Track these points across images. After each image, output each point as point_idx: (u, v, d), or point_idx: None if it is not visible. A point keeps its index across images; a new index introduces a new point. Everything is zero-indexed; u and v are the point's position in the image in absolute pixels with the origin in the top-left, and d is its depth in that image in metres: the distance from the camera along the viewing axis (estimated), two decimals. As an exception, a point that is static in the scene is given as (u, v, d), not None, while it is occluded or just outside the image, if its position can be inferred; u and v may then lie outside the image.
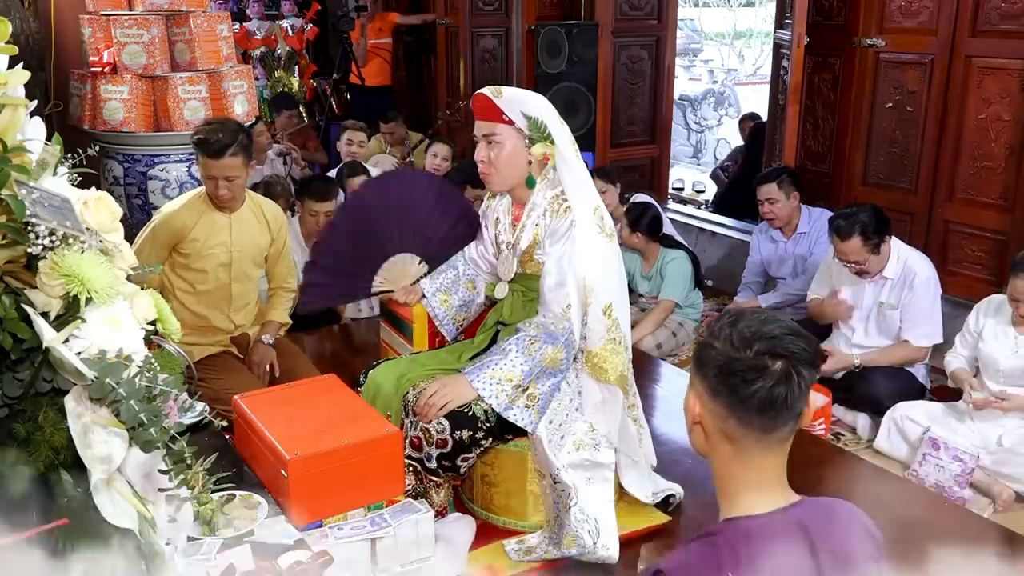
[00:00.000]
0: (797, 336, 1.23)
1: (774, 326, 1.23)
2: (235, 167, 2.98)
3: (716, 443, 1.28)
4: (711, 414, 1.26)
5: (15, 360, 1.21)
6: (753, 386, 1.21)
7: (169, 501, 1.22)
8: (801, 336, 1.23)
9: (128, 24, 3.94)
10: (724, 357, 1.23)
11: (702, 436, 1.30)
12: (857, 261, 3.49)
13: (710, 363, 1.25)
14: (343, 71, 7.07)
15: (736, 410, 1.23)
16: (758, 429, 1.24)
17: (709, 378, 1.25)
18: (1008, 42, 3.93)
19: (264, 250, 3.23)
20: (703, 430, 1.29)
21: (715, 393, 1.24)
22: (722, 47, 16.09)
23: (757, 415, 1.22)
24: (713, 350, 1.25)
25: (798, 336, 1.23)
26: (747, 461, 1.26)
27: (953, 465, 3.05)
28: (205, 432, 2.07)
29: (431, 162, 5.40)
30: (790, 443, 1.28)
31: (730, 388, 1.22)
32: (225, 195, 3.00)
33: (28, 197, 1.21)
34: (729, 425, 1.25)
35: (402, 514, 2.01)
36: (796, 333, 1.23)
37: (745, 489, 1.28)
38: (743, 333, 1.23)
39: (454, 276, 2.66)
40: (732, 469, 1.28)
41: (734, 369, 1.22)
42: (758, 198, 4.41)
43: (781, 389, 1.21)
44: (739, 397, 1.22)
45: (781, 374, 1.21)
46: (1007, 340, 3.17)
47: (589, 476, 2.32)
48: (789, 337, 1.22)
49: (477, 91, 2.36)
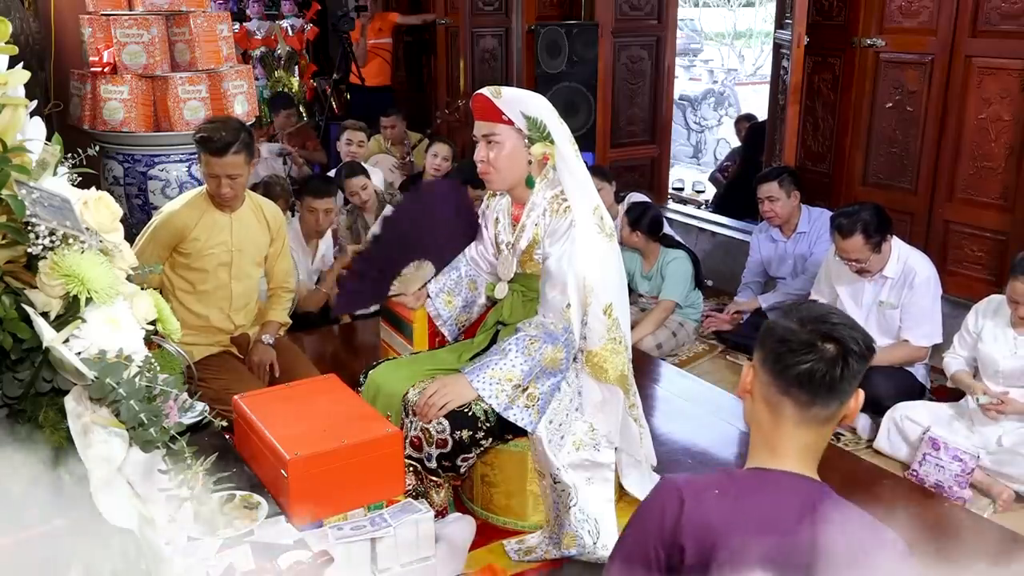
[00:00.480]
0: (854, 328, 1.34)
1: (836, 316, 1.35)
2: (238, 165, 2.98)
3: (759, 410, 1.39)
4: (759, 382, 1.38)
5: (15, 360, 1.21)
6: (797, 358, 1.32)
7: (169, 501, 1.22)
8: (858, 329, 1.34)
9: (128, 24, 3.94)
10: (783, 330, 1.35)
11: (750, 403, 1.41)
12: (858, 259, 3.49)
13: (770, 336, 1.37)
14: (343, 71, 7.07)
15: (778, 379, 1.34)
16: (795, 402, 1.34)
17: (765, 348, 1.37)
18: (1008, 42, 3.93)
19: (264, 250, 3.24)
20: (751, 397, 1.41)
21: (764, 361, 1.37)
22: (722, 47, 16.09)
23: (796, 387, 1.32)
24: (779, 326, 1.37)
25: (855, 329, 1.34)
26: (781, 433, 1.36)
27: (953, 465, 3.05)
28: (205, 432, 2.07)
29: (431, 162, 5.40)
30: (829, 430, 1.38)
31: (777, 356, 1.34)
32: (228, 193, 3.00)
33: (28, 197, 1.21)
34: (771, 392, 1.36)
35: (402, 514, 2.01)
36: (854, 327, 1.34)
37: (771, 456, 1.38)
38: (805, 314, 1.35)
39: (457, 277, 2.66)
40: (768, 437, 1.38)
41: (787, 340, 1.33)
42: (758, 196, 4.42)
43: (822, 367, 1.31)
44: (783, 365, 1.33)
45: (827, 355, 1.31)
46: (1006, 341, 3.17)
47: (589, 476, 2.32)
48: (845, 327, 1.33)
49: (477, 91, 2.36)
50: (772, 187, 4.36)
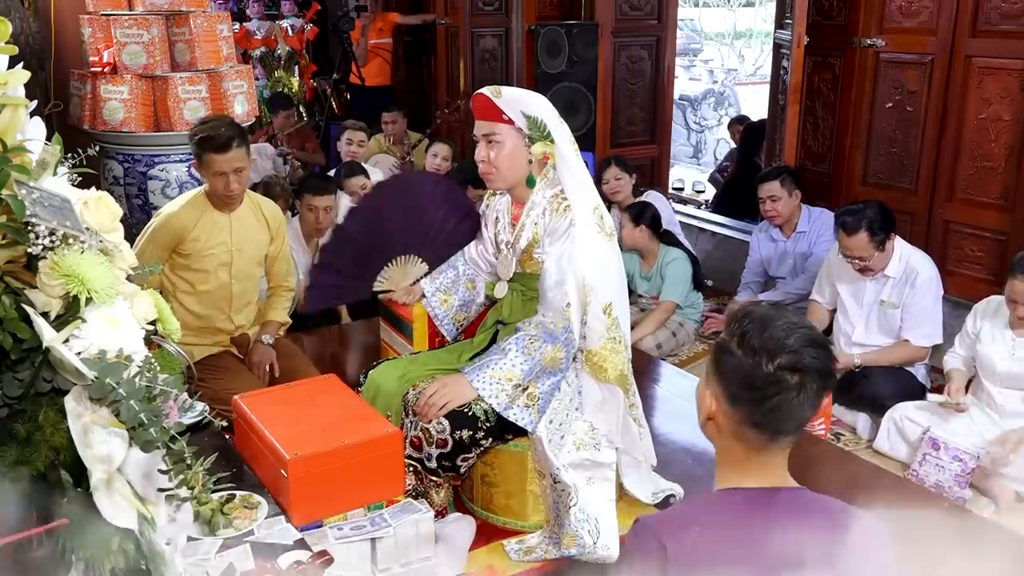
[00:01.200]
0: (815, 346, 1.27)
1: (794, 338, 1.26)
2: (242, 158, 3.00)
3: (727, 439, 1.35)
4: (727, 416, 1.33)
5: (15, 360, 1.20)
6: (773, 400, 1.26)
7: (169, 501, 1.22)
8: (819, 346, 1.28)
9: (128, 24, 3.94)
10: (745, 368, 1.28)
11: (715, 429, 1.37)
12: (862, 257, 3.49)
13: (730, 370, 1.30)
14: (343, 71, 7.07)
15: (754, 418, 1.29)
16: (771, 434, 1.30)
17: (729, 385, 1.31)
18: (1008, 42, 3.93)
19: (264, 248, 3.24)
20: (716, 425, 1.36)
21: (734, 400, 1.30)
22: (722, 47, 16.09)
23: (774, 424, 1.29)
24: (733, 357, 1.29)
25: (816, 346, 1.27)
26: (752, 456, 1.33)
27: (953, 465, 3.05)
28: (205, 432, 2.07)
29: (431, 162, 5.40)
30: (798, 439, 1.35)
31: (750, 399, 1.28)
32: (237, 189, 3.03)
33: (28, 197, 1.21)
34: (743, 429, 1.31)
35: (402, 514, 2.01)
36: (815, 343, 1.27)
37: (744, 475, 1.34)
38: (764, 344, 1.26)
39: (454, 276, 2.66)
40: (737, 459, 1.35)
41: (754, 383, 1.27)
42: (759, 196, 4.42)
43: (798, 400, 1.26)
44: (758, 409, 1.28)
45: (798, 387, 1.26)
46: (1004, 343, 3.16)
47: (589, 476, 2.32)
48: (808, 350, 1.26)
49: (477, 91, 2.36)
50: (774, 186, 4.36)
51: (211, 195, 3.07)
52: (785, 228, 4.47)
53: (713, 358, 1.35)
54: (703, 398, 1.37)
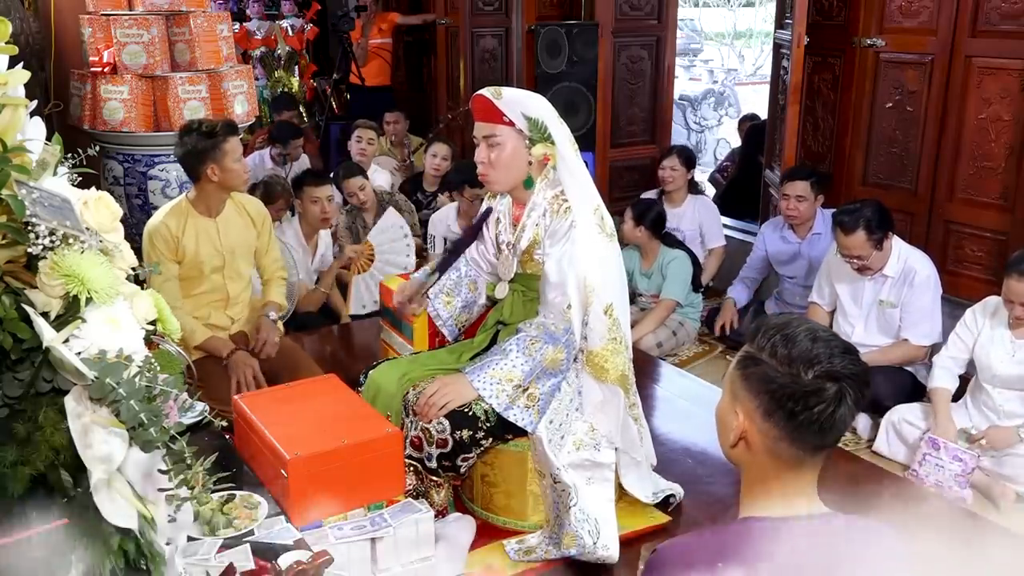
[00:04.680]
0: (848, 353, 1.22)
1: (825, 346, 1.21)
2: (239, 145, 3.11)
3: (760, 458, 1.27)
4: (762, 433, 1.25)
5: (15, 360, 1.20)
6: (814, 411, 1.20)
7: (169, 501, 1.22)
8: (852, 353, 1.23)
9: (128, 24, 3.94)
10: (780, 379, 1.22)
11: (745, 449, 1.28)
12: (860, 256, 3.49)
13: (763, 383, 1.23)
14: (343, 71, 7.06)
15: (792, 432, 1.22)
16: (810, 449, 1.24)
17: (762, 399, 1.23)
18: (1008, 42, 3.93)
19: (253, 246, 3.29)
20: (747, 444, 1.27)
21: (769, 415, 1.23)
22: (722, 47, 16.10)
23: (813, 436, 1.22)
24: (765, 367, 1.23)
25: (848, 353, 1.22)
26: (785, 474, 1.26)
27: (953, 465, 3.05)
28: (205, 432, 2.07)
29: (431, 162, 5.39)
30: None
31: (788, 412, 1.21)
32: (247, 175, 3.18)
33: (28, 197, 1.21)
34: (780, 447, 1.24)
35: (402, 514, 2.01)
36: (847, 351, 1.23)
37: (772, 496, 1.27)
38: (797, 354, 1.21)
39: (457, 277, 2.65)
40: (767, 480, 1.27)
41: (792, 393, 1.21)
42: (783, 192, 4.32)
43: (840, 411, 1.21)
44: (797, 421, 1.21)
45: (838, 396, 1.20)
46: (1003, 344, 3.15)
47: (589, 476, 2.32)
48: (843, 356, 1.21)
49: (477, 92, 2.36)
50: (804, 186, 4.25)
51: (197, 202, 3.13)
52: (800, 229, 4.38)
53: (740, 374, 1.27)
54: (728, 418, 1.29)
